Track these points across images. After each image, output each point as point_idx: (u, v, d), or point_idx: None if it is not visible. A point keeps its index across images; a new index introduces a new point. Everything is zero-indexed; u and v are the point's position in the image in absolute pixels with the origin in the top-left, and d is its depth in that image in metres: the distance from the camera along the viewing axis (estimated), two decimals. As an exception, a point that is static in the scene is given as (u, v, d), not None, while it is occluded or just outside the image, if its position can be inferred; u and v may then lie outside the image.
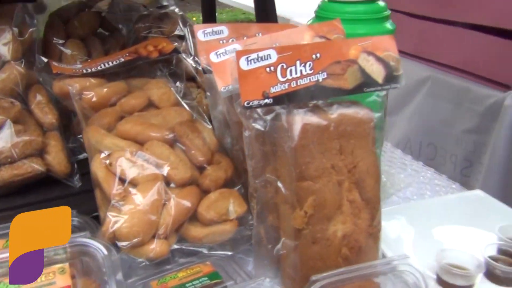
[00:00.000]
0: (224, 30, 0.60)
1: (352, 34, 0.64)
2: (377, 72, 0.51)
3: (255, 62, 0.49)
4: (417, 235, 0.62)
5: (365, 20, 0.66)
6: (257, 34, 0.61)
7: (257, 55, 0.49)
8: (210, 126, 0.63)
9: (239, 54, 0.49)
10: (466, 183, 1.32)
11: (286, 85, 0.50)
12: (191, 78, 0.73)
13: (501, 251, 0.59)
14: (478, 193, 0.69)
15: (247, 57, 0.49)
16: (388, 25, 0.68)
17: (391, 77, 0.51)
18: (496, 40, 1.23)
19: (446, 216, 0.65)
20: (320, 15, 0.68)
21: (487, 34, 1.27)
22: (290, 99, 0.50)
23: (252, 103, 0.49)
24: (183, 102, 0.64)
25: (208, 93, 0.61)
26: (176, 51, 0.69)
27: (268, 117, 0.50)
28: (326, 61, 0.51)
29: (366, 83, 0.51)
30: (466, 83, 1.31)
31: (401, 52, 1.76)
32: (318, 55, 0.51)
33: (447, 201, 0.68)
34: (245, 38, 0.61)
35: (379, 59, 0.51)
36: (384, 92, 0.52)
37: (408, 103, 1.49)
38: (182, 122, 0.60)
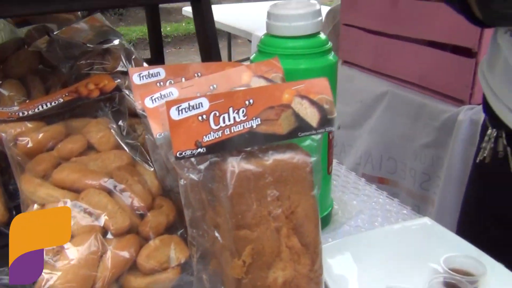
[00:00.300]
0: (161, 72, 0.59)
1: (294, 69, 0.64)
2: (311, 115, 0.51)
3: (186, 112, 0.48)
4: (363, 271, 0.62)
5: (306, 54, 0.66)
6: (195, 75, 0.60)
7: (188, 104, 0.48)
8: (152, 168, 0.62)
9: (169, 104, 0.48)
10: (425, 197, 1.34)
11: (220, 133, 0.49)
12: (135, 115, 0.71)
13: (446, 284, 0.59)
14: (425, 221, 0.70)
15: (178, 107, 0.48)
16: (331, 57, 0.68)
17: (325, 120, 0.51)
18: (449, 56, 1.26)
19: (393, 247, 0.65)
20: (262, 50, 0.67)
21: (441, 50, 1.29)
22: (224, 147, 0.49)
23: (185, 153, 0.48)
24: (123, 144, 0.63)
25: (147, 136, 0.59)
26: (117, 89, 0.68)
27: (202, 167, 0.49)
28: (259, 107, 0.50)
29: (300, 127, 0.51)
30: (422, 98, 1.33)
31: (359, 67, 1.79)
32: (251, 101, 0.50)
33: (395, 231, 0.69)
34: (183, 79, 0.60)
35: (313, 103, 0.51)
36: (319, 136, 0.52)
37: (369, 117, 1.50)
38: (121, 167, 0.59)
